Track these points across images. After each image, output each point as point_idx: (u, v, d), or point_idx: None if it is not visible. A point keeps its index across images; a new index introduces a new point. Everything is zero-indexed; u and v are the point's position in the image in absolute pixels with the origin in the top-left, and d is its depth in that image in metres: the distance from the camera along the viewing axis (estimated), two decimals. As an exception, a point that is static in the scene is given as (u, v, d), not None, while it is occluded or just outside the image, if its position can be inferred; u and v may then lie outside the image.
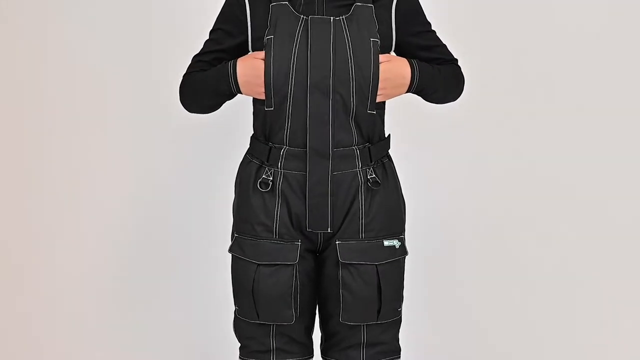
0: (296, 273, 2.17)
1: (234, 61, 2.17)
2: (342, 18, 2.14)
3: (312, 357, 2.30)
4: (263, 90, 2.14)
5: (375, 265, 2.17)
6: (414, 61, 2.21)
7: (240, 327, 2.26)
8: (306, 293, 2.21)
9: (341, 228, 2.18)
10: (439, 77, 2.24)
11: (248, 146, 2.27)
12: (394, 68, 2.17)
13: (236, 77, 2.16)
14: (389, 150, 2.27)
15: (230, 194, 2.32)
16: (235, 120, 2.34)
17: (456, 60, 2.32)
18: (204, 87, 2.21)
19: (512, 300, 3.17)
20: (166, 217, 3.21)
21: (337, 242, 2.17)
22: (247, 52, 2.24)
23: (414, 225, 2.24)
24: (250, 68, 2.14)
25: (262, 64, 2.13)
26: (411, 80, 2.20)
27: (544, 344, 3.16)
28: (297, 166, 2.16)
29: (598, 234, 3.15)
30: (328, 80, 2.12)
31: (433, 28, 2.30)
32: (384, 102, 2.24)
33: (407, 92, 2.23)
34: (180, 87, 2.27)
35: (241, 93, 2.19)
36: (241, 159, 2.27)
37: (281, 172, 2.17)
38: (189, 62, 2.28)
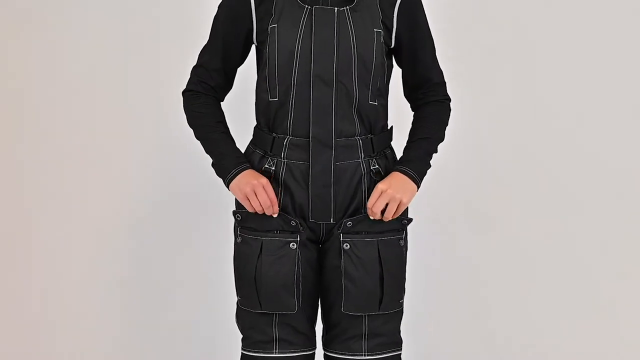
0: (298, 262, 2.17)
1: (236, 172, 2.17)
2: (346, 8, 2.15)
3: (315, 348, 2.29)
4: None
5: (377, 240, 2.17)
6: (402, 166, 2.18)
7: (242, 317, 2.26)
8: (308, 282, 2.21)
9: (344, 218, 2.19)
10: (431, 145, 2.23)
11: (251, 137, 2.28)
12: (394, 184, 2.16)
13: (230, 180, 2.18)
14: (392, 142, 2.28)
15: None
16: (238, 112, 2.35)
17: (446, 97, 2.30)
18: (202, 138, 2.23)
19: (514, 293, 3.17)
20: (167, 210, 3.22)
21: (339, 232, 2.18)
22: (251, 45, 2.25)
23: (415, 217, 2.25)
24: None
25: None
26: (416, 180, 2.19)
27: (544, 337, 3.16)
28: (300, 156, 2.17)
29: (597, 230, 3.16)
30: (331, 70, 2.13)
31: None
32: (386, 94, 2.25)
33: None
34: (184, 109, 2.27)
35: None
36: (244, 151, 2.28)
37: (284, 162, 2.18)
38: (191, 62, 2.28)
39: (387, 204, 2.15)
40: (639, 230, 3.15)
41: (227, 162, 2.19)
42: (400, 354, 2.28)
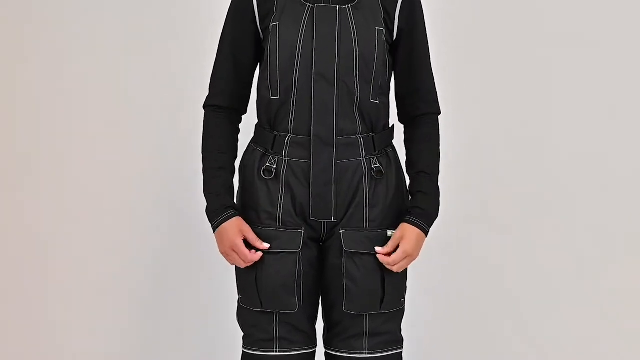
0: (299, 261, 2.17)
1: (222, 220, 2.19)
2: (348, 6, 2.15)
3: (315, 347, 2.29)
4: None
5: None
6: (422, 223, 2.19)
7: (243, 315, 2.25)
8: (309, 281, 2.21)
9: (345, 217, 2.19)
10: (435, 179, 2.25)
11: (252, 135, 2.28)
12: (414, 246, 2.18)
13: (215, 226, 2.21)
14: (393, 141, 2.28)
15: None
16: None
17: (437, 111, 2.29)
18: (203, 172, 2.24)
19: (514, 293, 3.18)
20: (168, 207, 3.22)
21: (341, 232, 2.18)
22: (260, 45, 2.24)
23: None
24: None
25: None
26: (426, 230, 2.22)
27: (545, 337, 3.16)
28: (302, 154, 2.16)
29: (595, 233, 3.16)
30: (333, 69, 2.13)
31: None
32: (388, 92, 2.25)
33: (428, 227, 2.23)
34: (202, 129, 2.27)
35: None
36: (244, 149, 2.28)
37: (285, 160, 2.17)
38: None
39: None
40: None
41: (209, 211, 2.22)
42: (402, 352, 2.28)
